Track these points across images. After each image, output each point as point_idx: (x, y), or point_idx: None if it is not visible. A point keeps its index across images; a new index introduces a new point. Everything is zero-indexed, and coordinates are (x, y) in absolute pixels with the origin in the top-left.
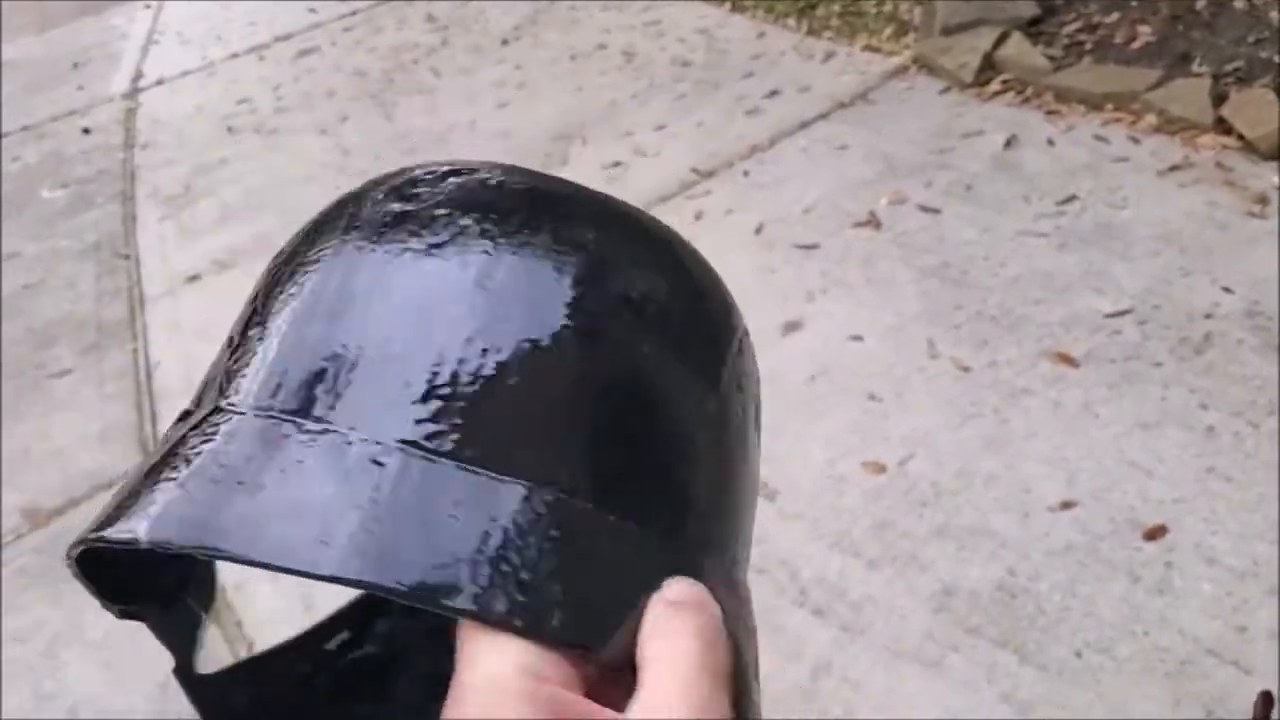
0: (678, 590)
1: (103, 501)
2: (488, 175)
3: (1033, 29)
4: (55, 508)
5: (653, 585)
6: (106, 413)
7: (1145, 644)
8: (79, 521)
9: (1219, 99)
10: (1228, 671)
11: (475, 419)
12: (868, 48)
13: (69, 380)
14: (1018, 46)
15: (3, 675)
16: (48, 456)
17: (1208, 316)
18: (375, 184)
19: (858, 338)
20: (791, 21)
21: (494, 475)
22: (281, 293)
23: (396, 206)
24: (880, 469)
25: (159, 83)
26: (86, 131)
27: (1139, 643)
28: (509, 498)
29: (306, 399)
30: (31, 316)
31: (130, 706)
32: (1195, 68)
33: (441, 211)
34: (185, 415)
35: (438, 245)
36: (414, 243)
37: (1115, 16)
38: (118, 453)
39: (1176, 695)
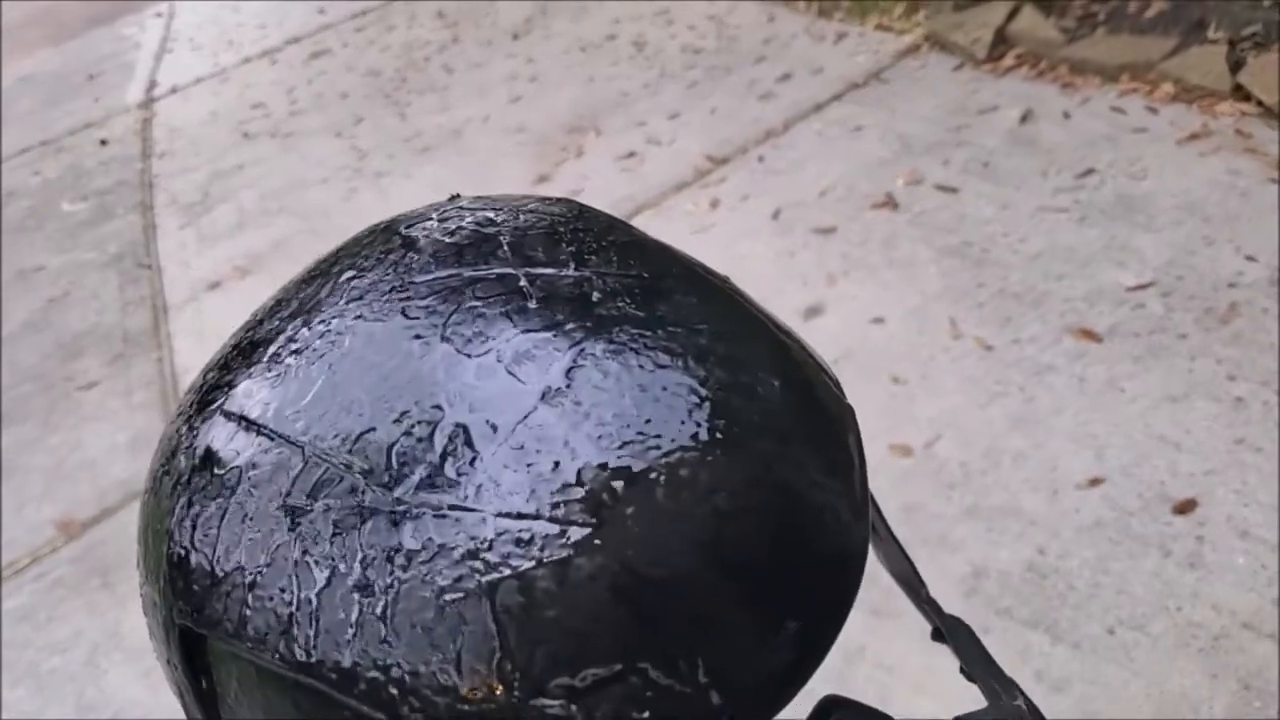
0: None
1: (135, 511)
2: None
3: (1045, 1)
4: (89, 519)
5: None
6: (136, 422)
7: (1179, 619)
8: (113, 531)
9: (1236, 65)
10: (1265, 645)
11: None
12: (879, 27)
13: (97, 392)
14: (1030, 20)
15: (46, 686)
16: (80, 468)
17: (1232, 286)
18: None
19: (879, 320)
20: (801, 4)
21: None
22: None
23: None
24: (907, 451)
25: (173, 91)
26: (104, 143)
27: (1172, 618)
28: None
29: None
30: (59, 330)
31: (170, 711)
32: (1211, 34)
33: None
34: None
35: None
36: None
37: None
38: (148, 461)
39: (1212, 670)
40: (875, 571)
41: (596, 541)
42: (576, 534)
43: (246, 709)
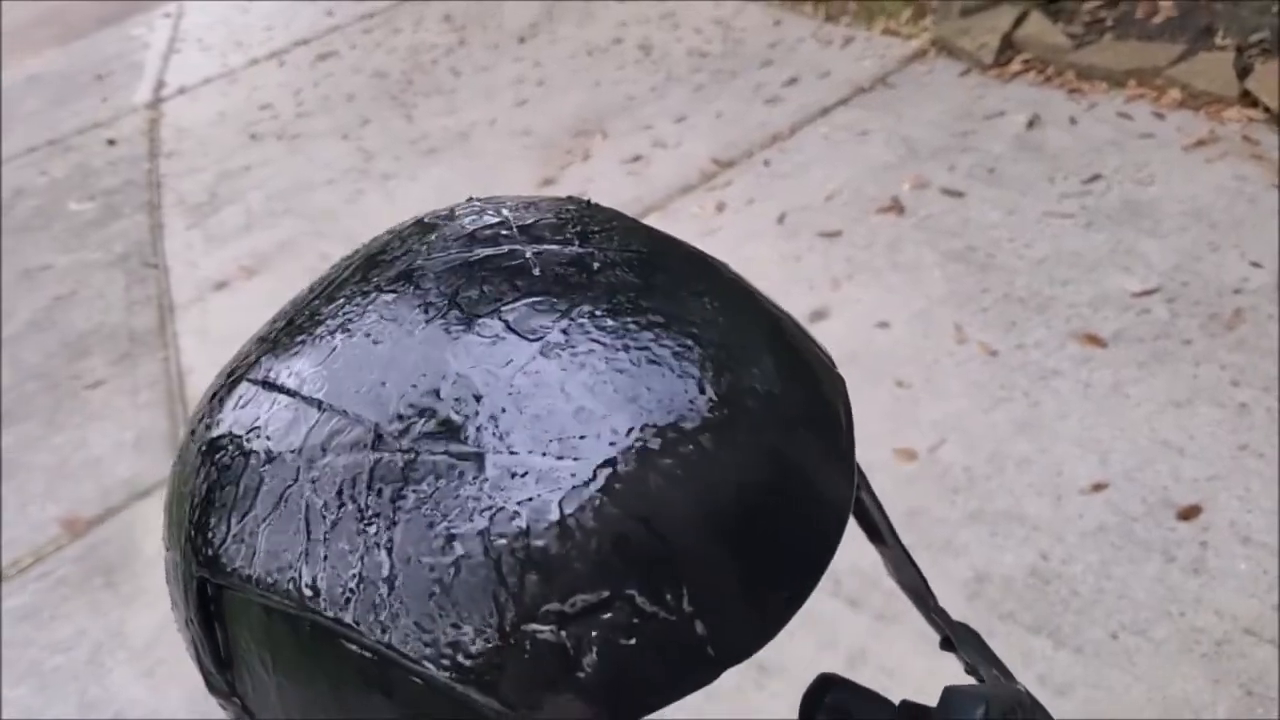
0: None
1: (139, 510)
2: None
3: (1052, 7)
4: (94, 517)
5: None
6: (141, 421)
7: (1182, 624)
8: (117, 531)
9: (1243, 71)
10: (1267, 650)
11: None
12: (886, 31)
13: (103, 391)
14: (1037, 25)
15: (49, 685)
16: (85, 467)
17: (1237, 292)
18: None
19: (884, 324)
20: (808, 8)
21: None
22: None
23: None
24: (911, 456)
25: (181, 91)
26: (111, 143)
27: (1175, 623)
28: None
29: None
30: (65, 329)
31: (172, 710)
32: (1218, 40)
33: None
34: None
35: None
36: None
37: None
38: (153, 461)
39: (1214, 675)
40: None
41: (588, 477)
42: (568, 470)
43: (256, 656)
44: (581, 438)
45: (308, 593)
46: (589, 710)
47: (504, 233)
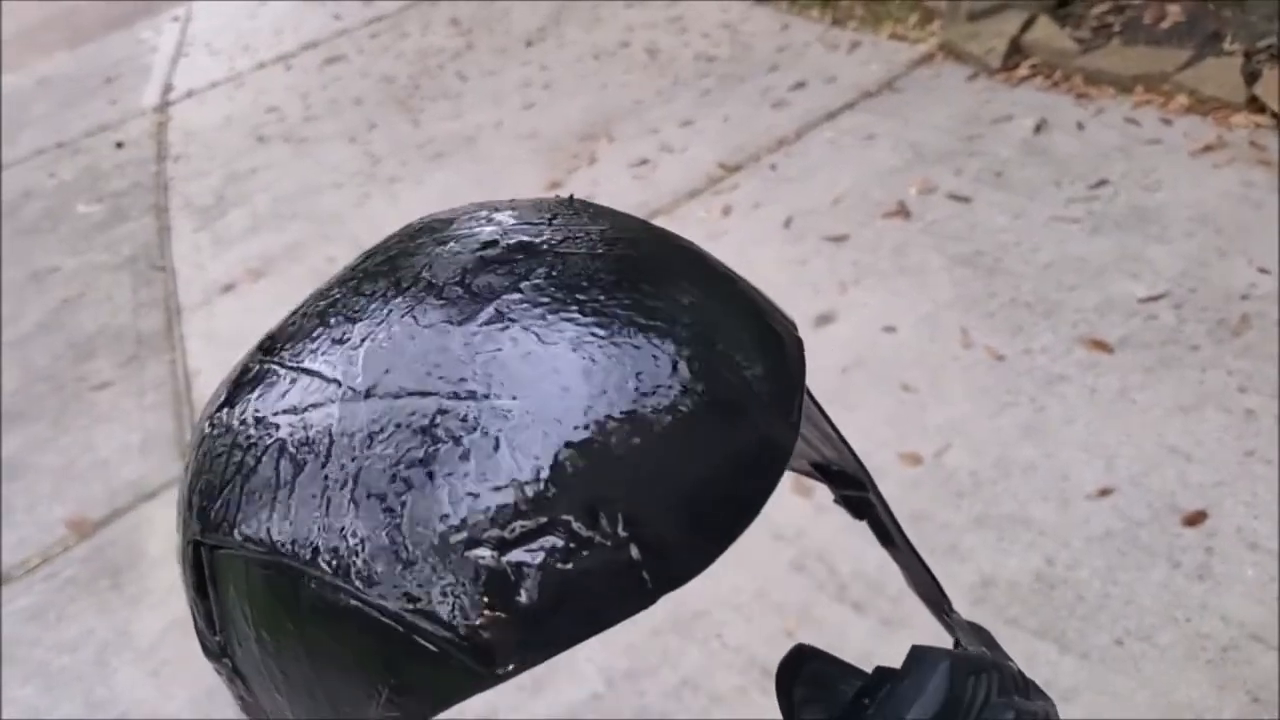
0: None
1: (146, 512)
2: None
3: (1060, 11)
4: (100, 519)
5: None
6: (147, 423)
7: (1187, 630)
8: (123, 532)
9: (1251, 77)
10: (1272, 657)
11: None
12: (893, 36)
13: (110, 392)
14: (1045, 30)
15: (55, 685)
16: (92, 468)
17: (1244, 298)
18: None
19: (891, 328)
20: (815, 12)
21: None
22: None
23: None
24: (917, 460)
25: (189, 94)
26: (119, 145)
27: (1181, 629)
28: None
29: None
30: (72, 330)
31: (177, 710)
32: (1226, 46)
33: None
34: None
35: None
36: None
37: None
38: (159, 463)
39: (1220, 681)
40: (883, 581)
41: (528, 410)
42: (512, 407)
43: (239, 610)
44: (527, 379)
45: (277, 538)
46: (527, 634)
47: (484, 218)
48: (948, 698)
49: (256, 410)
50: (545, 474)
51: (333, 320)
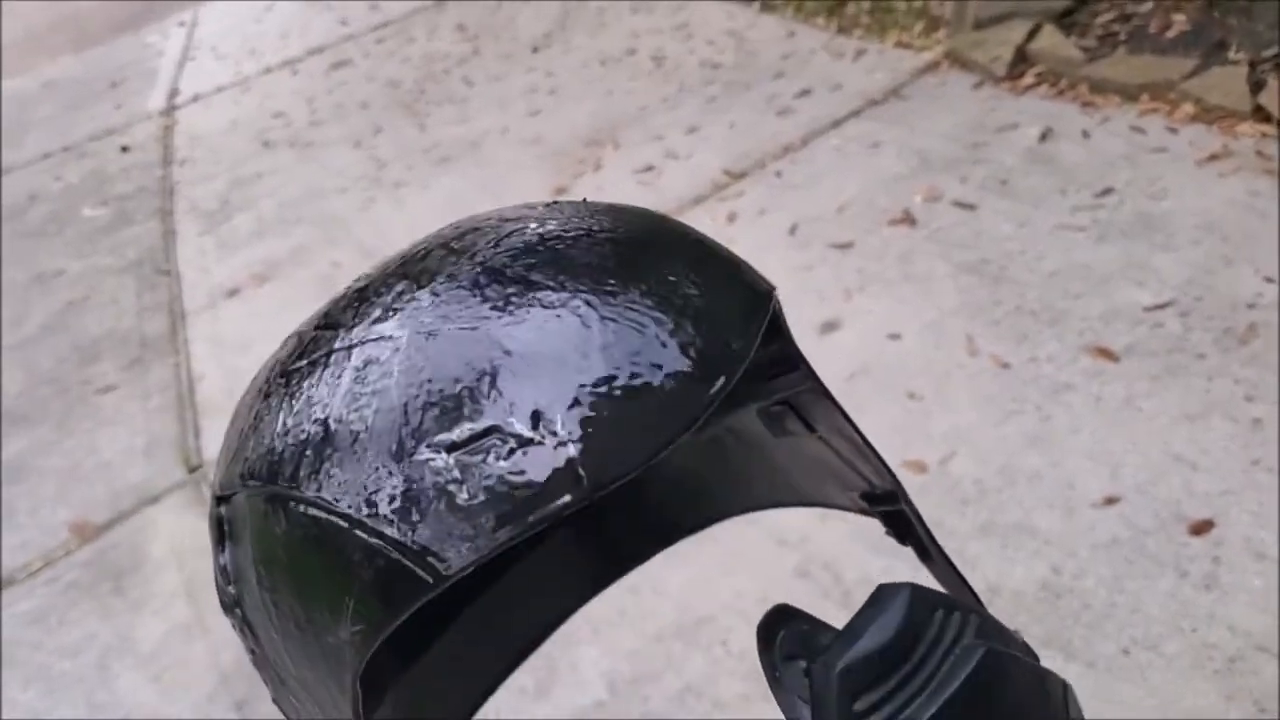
0: None
1: (149, 515)
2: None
3: (1065, 20)
4: (104, 522)
5: None
6: (152, 426)
7: (1194, 640)
8: (126, 535)
9: (1256, 86)
10: (1278, 667)
11: None
12: (899, 44)
13: (114, 396)
14: (1051, 38)
15: (57, 688)
16: (95, 471)
17: (1250, 306)
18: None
19: (896, 336)
20: (821, 20)
21: None
22: None
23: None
24: (922, 468)
25: (195, 99)
26: (125, 149)
27: (1187, 639)
28: None
29: None
30: (77, 334)
31: (179, 715)
32: (1231, 55)
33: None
34: None
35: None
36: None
37: (1149, 5)
38: (163, 466)
39: (1227, 691)
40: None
41: (479, 325)
42: (462, 325)
43: (246, 550)
44: (490, 295)
45: (273, 467)
46: (467, 529)
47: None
48: (905, 625)
49: (273, 368)
50: (487, 382)
51: (358, 291)
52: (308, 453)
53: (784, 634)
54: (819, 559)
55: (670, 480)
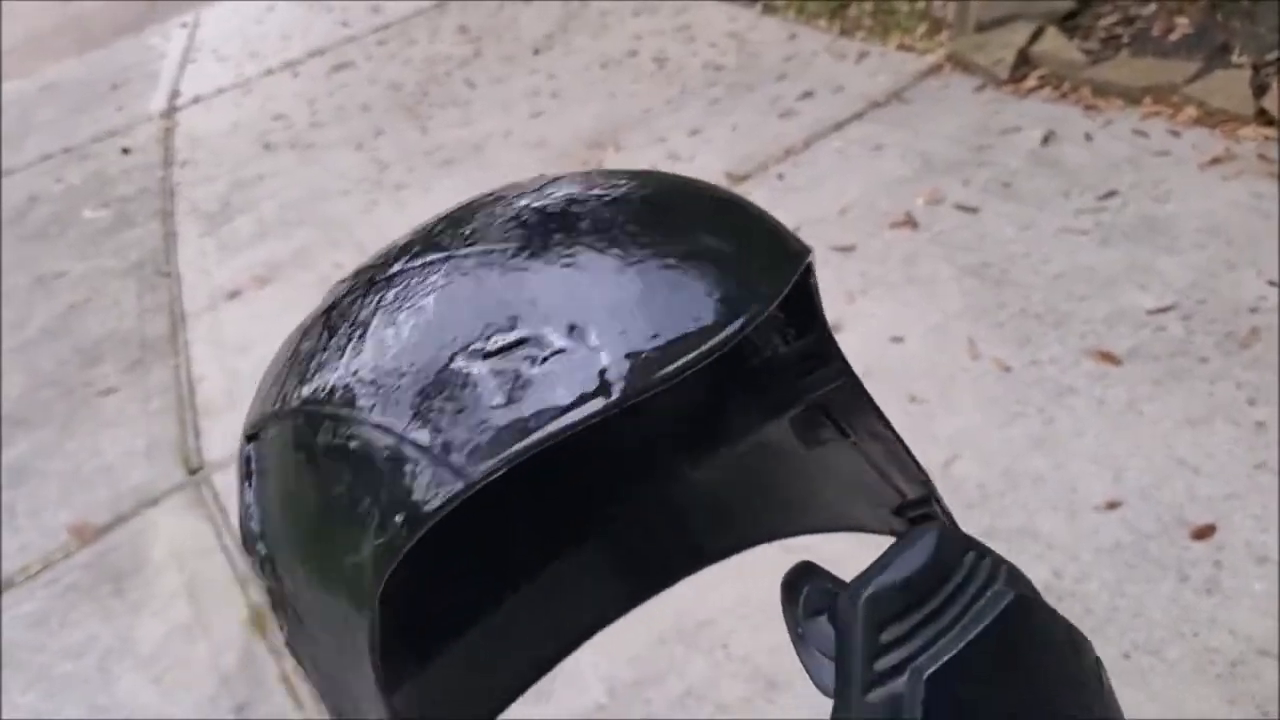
0: None
1: (149, 517)
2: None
3: (1068, 23)
4: (104, 525)
5: None
6: (152, 428)
7: (1195, 645)
8: (127, 538)
9: (1260, 89)
10: None
11: None
12: (901, 46)
13: (115, 398)
14: (1053, 41)
15: (58, 691)
16: (96, 473)
17: (1253, 310)
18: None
19: (899, 339)
20: (823, 22)
21: None
22: None
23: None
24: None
25: (196, 101)
26: (126, 151)
27: (1189, 644)
28: None
29: None
30: (78, 336)
31: (179, 715)
32: (1235, 58)
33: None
34: None
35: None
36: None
37: (1152, 8)
38: (163, 468)
39: (1229, 696)
40: None
41: (517, 249)
42: (504, 248)
43: (270, 479)
44: (520, 223)
45: (304, 389)
46: (503, 432)
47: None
48: (934, 560)
49: (309, 317)
50: (527, 297)
51: (401, 243)
52: (338, 368)
53: (808, 590)
54: (823, 564)
55: (700, 499)
